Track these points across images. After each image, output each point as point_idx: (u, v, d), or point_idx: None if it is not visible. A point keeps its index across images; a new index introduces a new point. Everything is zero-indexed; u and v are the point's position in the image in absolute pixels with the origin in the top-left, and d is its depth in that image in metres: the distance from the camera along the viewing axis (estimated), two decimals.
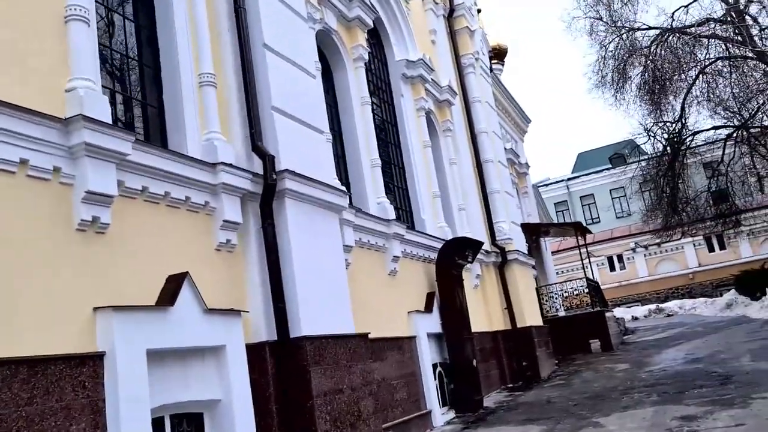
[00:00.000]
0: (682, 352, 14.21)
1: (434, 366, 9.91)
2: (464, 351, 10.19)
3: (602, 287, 36.61)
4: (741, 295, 27.16)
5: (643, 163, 24.93)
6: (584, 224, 47.79)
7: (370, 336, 7.72)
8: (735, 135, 23.55)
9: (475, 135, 14.23)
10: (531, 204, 20.61)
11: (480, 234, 13.37)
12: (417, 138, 11.83)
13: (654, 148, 22.73)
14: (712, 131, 22.92)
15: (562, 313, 19.63)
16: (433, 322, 10.00)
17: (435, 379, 9.88)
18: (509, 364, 13.03)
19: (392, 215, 9.20)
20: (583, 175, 49.02)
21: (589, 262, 20.47)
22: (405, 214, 11.21)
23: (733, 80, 21.70)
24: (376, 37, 11.73)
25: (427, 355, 9.42)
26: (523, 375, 13.03)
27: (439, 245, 10.62)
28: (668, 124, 22.39)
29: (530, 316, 13.70)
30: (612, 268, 37.40)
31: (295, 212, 6.28)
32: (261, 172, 6.04)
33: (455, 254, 10.39)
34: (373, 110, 10.79)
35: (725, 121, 22.36)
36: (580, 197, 48.65)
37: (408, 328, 9.28)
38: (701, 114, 25.40)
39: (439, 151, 13.12)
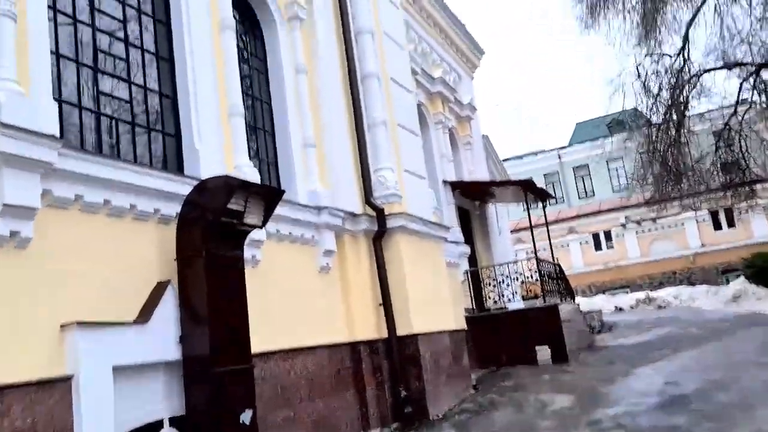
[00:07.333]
0: (661, 375, 9.27)
1: (150, 428, 5.05)
2: (222, 394, 5.30)
3: (585, 270, 31.55)
4: (752, 285, 21.85)
5: (640, 121, 19.94)
6: (578, 198, 43.24)
7: None
8: (753, 82, 18.39)
9: (348, 35, 9.15)
10: (476, 159, 15.46)
11: (345, 187, 8.45)
12: (205, 13, 6.85)
13: (646, 93, 17.46)
14: (724, 71, 17.61)
15: (518, 305, 14.74)
16: (151, 342, 5.10)
17: None
18: (378, 395, 8.13)
19: (8, 118, 4.22)
20: (576, 144, 43.49)
21: (549, 239, 15.41)
22: (165, 139, 6.33)
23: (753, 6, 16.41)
24: None
25: (106, 413, 4.52)
26: (401, 412, 8.16)
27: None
28: (667, 57, 17.10)
29: (424, 315, 8.74)
30: (598, 246, 31.65)
31: None
32: None
33: (214, 209, 5.41)
34: None
35: (740, 58, 17.07)
36: (573, 168, 43.18)
37: (55, 360, 4.40)
38: (709, 57, 19.86)
39: (276, 49, 8.16)
